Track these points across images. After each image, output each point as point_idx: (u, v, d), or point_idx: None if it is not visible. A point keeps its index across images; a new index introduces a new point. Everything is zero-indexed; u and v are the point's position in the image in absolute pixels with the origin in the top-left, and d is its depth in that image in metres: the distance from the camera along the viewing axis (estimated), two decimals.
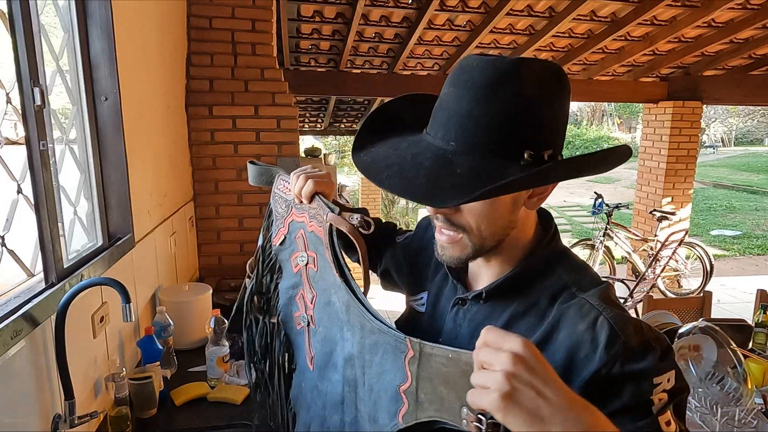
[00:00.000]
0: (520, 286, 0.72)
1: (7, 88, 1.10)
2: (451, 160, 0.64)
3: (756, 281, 5.52)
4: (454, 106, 0.65)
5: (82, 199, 1.50)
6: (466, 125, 0.64)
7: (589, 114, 21.22)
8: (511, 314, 0.71)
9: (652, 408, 0.61)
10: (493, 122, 0.63)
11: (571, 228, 9.58)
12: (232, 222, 2.75)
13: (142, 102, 1.85)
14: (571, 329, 0.64)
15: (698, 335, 1.90)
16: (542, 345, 0.66)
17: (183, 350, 1.83)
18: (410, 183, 0.64)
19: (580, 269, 0.73)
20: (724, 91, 5.02)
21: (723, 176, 14.18)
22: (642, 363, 0.62)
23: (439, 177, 0.63)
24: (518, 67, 0.63)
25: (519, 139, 0.63)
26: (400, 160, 0.67)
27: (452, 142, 0.64)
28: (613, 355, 0.61)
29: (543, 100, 0.64)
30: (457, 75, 0.66)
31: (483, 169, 0.62)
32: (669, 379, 0.63)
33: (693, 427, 1.71)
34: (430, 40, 4.17)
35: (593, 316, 0.64)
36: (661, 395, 0.62)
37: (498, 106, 0.62)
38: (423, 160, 0.65)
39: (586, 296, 0.67)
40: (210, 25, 2.60)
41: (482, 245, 0.70)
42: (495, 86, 0.62)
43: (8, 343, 0.93)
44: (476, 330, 0.68)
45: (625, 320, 0.64)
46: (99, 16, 1.50)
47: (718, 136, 20.67)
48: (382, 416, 0.70)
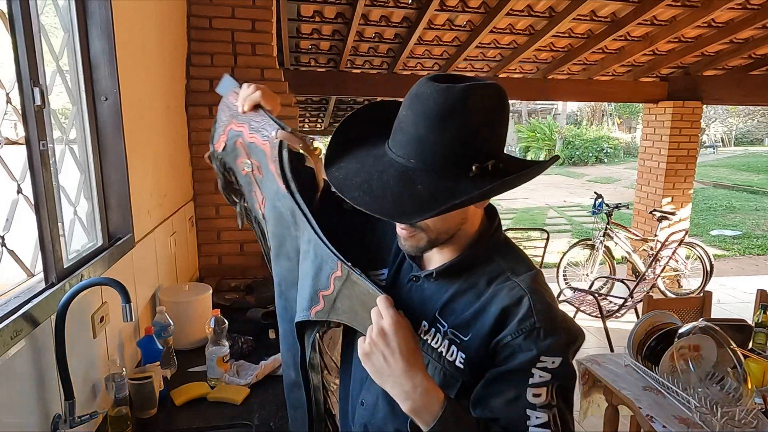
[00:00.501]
0: (464, 269, 0.86)
1: (7, 88, 1.10)
2: (412, 177, 0.75)
3: (756, 281, 5.51)
4: (412, 130, 0.75)
5: (82, 199, 1.50)
6: (423, 148, 0.75)
7: (589, 114, 21.21)
8: (453, 292, 0.85)
9: (529, 379, 0.75)
10: (447, 147, 0.74)
11: (571, 228, 9.57)
12: (232, 222, 2.74)
13: (142, 102, 1.85)
14: (501, 304, 0.79)
15: (698, 335, 1.90)
16: (477, 315, 0.81)
17: (183, 350, 1.83)
18: (379, 202, 0.75)
19: (517, 258, 0.87)
20: (724, 91, 5.02)
21: (723, 176, 14.18)
22: (539, 343, 0.76)
23: (403, 196, 0.74)
24: (467, 96, 0.73)
25: (468, 158, 0.75)
26: (368, 177, 0.77)
27: (412, 160, 0.76)
28: (521, 329, 0.77)
29: (488, 125, 0.75)
30: (413, 101, 0.76)
31: (440, 187, 0.74)
32: (554, 362, 0.76)
33: (693, 427, 1.71)
34: (430, 40, 4.17)
35: (519, 295, 0.79)
36: (544, 374, 0.75)
37: (450, 134, 0.73)
38: (388, 178, 0.76)
39: (518, 280, 0.81)
40: (210, 25, 2.60)
41: (437, 239, 0.83)
42: (447, 115, 0.73)
43: (8, 343, 0.93)
44: (424, 303, 0.88)
45: (543, 305, 0.78)
46: (99, 16, 1.50)
47: (718, 136, 20.65)
48: (301, 305, 0.93)
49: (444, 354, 0.83)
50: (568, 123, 20.99)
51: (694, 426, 1.71)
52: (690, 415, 1.76)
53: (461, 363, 0.81)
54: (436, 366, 0.83)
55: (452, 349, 0.82)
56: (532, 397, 0.75)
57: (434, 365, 0.83)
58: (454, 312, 0.84)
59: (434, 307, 0.86)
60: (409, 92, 0.77)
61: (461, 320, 0.82)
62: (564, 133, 19.10)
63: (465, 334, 0.81)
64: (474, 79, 0.76)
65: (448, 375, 0.82)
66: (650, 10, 3.50)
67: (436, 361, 0.83)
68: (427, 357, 0.84)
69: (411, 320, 0.84)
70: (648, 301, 2.57)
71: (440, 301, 0.86)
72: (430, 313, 0.86)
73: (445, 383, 0.82)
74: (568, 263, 5.24)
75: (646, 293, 3.47)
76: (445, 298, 0.86)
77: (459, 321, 0.83)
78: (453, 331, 0.83)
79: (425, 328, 0.86)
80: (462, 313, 0.83)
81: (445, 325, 0.84)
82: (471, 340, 0.81)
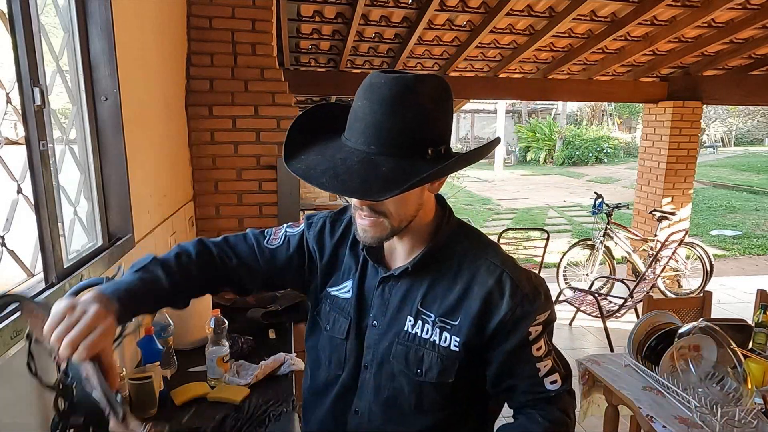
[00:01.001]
0: (433, 257, 0.91)
1: (7, 88, 1.10)
2: (375, 161, 0.78)
3: (756, 281, 5.51)
4: (369, 118, 0.79)
5: (82, 199, 1.50)
6: (381, 133, 0.79)
7: (589, 114, 21.19)
8: (430, 282, 0.91)
9: (529, 337, 0.87)
10: (403, 132, 0.79)
11: (571, 228, 9.57)
12: (232, 222, 2.75)
13: (142, 102, 1.85)
14: (483, 284, 0.87)
15: (698, 335, 1.90)
16: (462, 298, 0.88)
17: (183, 350, 1.83)
18: (347, 184, 0.77)
19: (477, 236, 0.95)
20: (724, 91, 5.02)
21: (723, 176, 14.17)
22: (533, 304, 0.87)
23: (369, 177, 0.77)
24: (417, 83, 0.79)
25: (423, 140, 0.80)
26: (332, 165, 0.80)
27: (372, 146, 0.79)
28: (514, 302, 0.86)
29: (437, 109, 0.82)
30: (368, 90, 0.80)
31: (401, 167, 0.78)
32: (545, 315, 0.89)
33: (693, 427, 1.71)
34: (430, 40, 4.16)
35: (498, 272, 0.87)
36: (537, 327, 0.87)
37: (407, 117, 0.79)
38: (352, 163, 0.79)
39: (490, 258, 0.89)
40: (210, 25, 2.60)
41: (399, 225, 0.87)
42: (401, 100, 0.78)
43: (8, 343, 0.93)
44: (404, 299, 0.92)
45: (519, 273, 0.88)
46: (99, 16, 1.50)
47: (718, 136, 20.64)
48: None
49: (438, 342, 0.88)
50: (568, 123, 20.98)
51: (694, 426, 1.71)
52: (690, 415, 1.76)
53: (456, 346, 0.87)
54: (432, 355, 0.88)
55: (444, 335, 0.88)
56: (536, 351, 0.88)
57: (430, 354, 0.89)
58: (436, 300, 0.89)
59: (415, 300, 0.91)
60: (362, 85, 0.82)
61: (447, 306, 0.88)
62: (564, 133, 19.10)
63: (454, 319, 0.88)
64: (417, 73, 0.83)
65: (446, 360, 0.88)
66: (650, 10, 3.50)
67: (431, 351, 0.89)
68: (421, 349, 0.89)
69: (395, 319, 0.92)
70: (648, 301, 2.57)
71: (419, 294, 0.91)
72: (412, 307, 0.91)
73: (443, 368, 0.88)
74: (568, 263, 5.24)
75: (646, 293, 3.47)
76: (423, 289, 0.90)
77: (445, 307, 0.88)
78: (441, 319, 0.88)
79: (411, 323, 0.90)
80: (445, 299, 0.89)
81: (432, 315, 0.89)
82: (461, 322, 0.87)
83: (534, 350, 0.88)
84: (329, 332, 1.00)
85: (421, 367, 0.89)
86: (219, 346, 1.60)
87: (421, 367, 0.89)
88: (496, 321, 0.86)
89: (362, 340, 0.95)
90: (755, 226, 9.26)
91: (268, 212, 2.77)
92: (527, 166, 19.66)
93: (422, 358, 0.89)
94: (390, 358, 0.91)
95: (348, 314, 0.97)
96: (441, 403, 0.91)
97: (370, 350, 0.94)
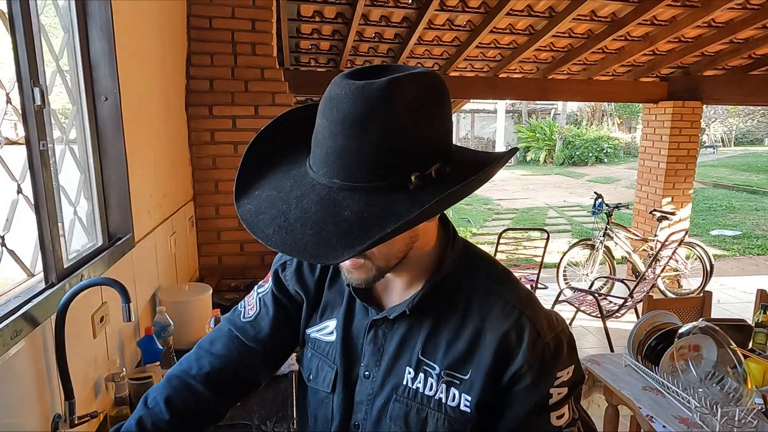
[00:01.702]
0: (436, 295, 0.73)
1: (7, 88, 1.10)
2: (337, 200, 0.61)
3: (756, 281, 5.51)
4: (330, 142, 0.61)
5: (82, 199, 1.50)
6: (344, 163, 0.61)
7: (589, 114, 21.18)
8: (432, 324, 0.73)
9: (549, 401, 0.69)
10: (373, 157, 0.60)
11: (571, 228, 9.57)
12: (232, 222, 2.75)
13: (142, 102, 1.85)
14: (497, 329, 0.70)
15: (698, 335, 1.90)
16: (473, 346, 0.71)
17: (183, 350, 1.82)
18: (297, 239, 0.60)
19: (487, 262, 0.77)
20: (724, 91, 5.01)
21: (723, 176, 14.17)
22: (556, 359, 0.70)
23: (326, 226, 0.59)
24: (389, 92, 0.59)
25: (401, 166, 0.61)
26: (285, 208, 0.63)
27: (335, 179, 0.62)
28: (534, 354, 0.69)
29: (421, 121, 0.62)
30: (327, 107, 0.62)
31: (371, 209, 0.60)
32: (569, 372, 0.71)
33: (693, 427, 1.71)
34: (430, 40, 4.16)
35: (516, 314, 0.70)
36: (561, 389, 0.70)
37: (374, 139, 0.60)
38: (309, 204, 0.62)
39: (506, 295, 0.72)
40: (210, 25, 2.60)
41: (386, 266, 0.70)
42: (367, 118, 0.59)
43: (8, 343, 0.93)
44: (401, 346, 0.75)
45: (540, 316, 0.71)
46: (99, 16, 1.50)
47: (718, 136, 20.63)
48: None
49: (444, 401, 0.72)
50: (568, 123, 20.97)
51: (694, 426, 1.71)
52: (690, 415, 1.76)
53: (467, 406, 0.70)
54: (438, 416, 0.72)
55: (452, 393, 0.71)
56: (556, 420, 0.70)
57: (434, 415, 0.72)
58: (441, 348, 0.72)
59: (415, 347, 0.74)
60: (323, 97, 0.64)
61: (455, 356, 0.71)
62: (564, 133, 19.10)
63: (464, 372, 0.71)
64: (403, 68, 0.63)
65: (454, 423, 0.71)
66: (650, 10, 3.50)
67: (436, 411, 0.72)
68: (424, 409, 0.72)
69: (392, 370, 0.75)
70: (648, 301, 2.57)
71: (420, 339, 0.74)
72: (411, 356, 0.74)
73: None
74: (568, 263, 5.24)
75: (646, 293, 3.47)
76: (424, 333, 0.73)
77: (451, 358, 0.71)
78: (448, 372, 0.71)
79: (411, 376, 0.74)
80: (452, 347, 0.72)
81: (436, 367, 0.72)
82: (473, 376, 0.70)
83: (554, 418, 0.69)
84: (312, 383, 0.84)
85: (424, 431, 0.73)
86: None
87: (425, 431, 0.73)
88: (510, 374, 0.69)
89: (352, 394, 0.79)
90: (755, 226, 9.26)
91: None
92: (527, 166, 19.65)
93: (425, 420, 0.72)
94: (386, 419, 0.75)
95: (333, 362, 0.80)
96: None
97: (362, 407, 0.78)
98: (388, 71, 0.63)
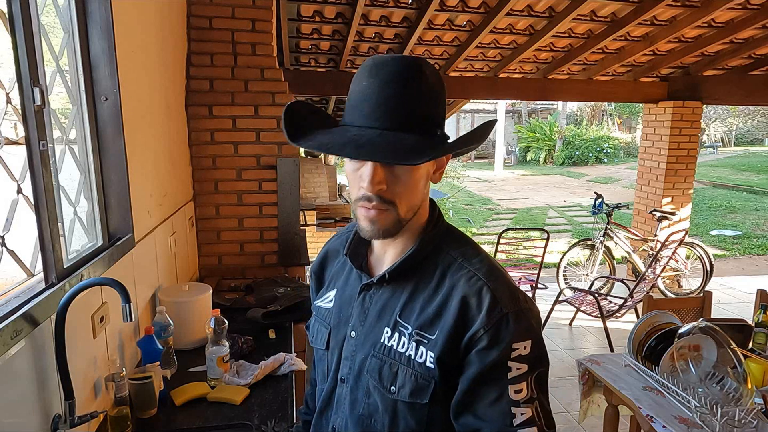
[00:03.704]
0: (415, 265, 0.85)
1: (7, 88, 1.10)
2: (395, 135, 0.75)
3: (756, 281, 5.51)
4: (380, 94, 0.76)
5: (82, 199, 1.50)
6: (397, 109, 0.75)
7: (589, 114, 21.18)
8: (410, 291, 0.84)
9: (508, 374, 0.76)
10: (417, 106, 0.77)
11: (571, 228, 9.57)
12: (232, 222, 2.75)
13: (142, 102, 1.85)
14: (462, 295, 0.79)
15: (698, 335, 1.90)
16: (440, 310, 0.80)
17: (183, 350, 1.83)
18: (376, 151, 0.73)
19: (465, 243, 0.87)
20: (724, 91, 5.02)
21: (723, 176, 14.17)
22: (510, 329, 0.76)
23: (396, 147, 0.73)
24: (420, 63, 0.78)
25: (433, 119, 0.79)
26: (349, 140, 0.75)
27: (387, 122, 0.75)
28: (491, 320, 0.76)
29: (440, 88, 0.80)
30: (374, 69, 0.78)
31: (422, 141, 0.75)
32: (525, 347, 0.77)
33: (693, 426, 1.71)
34: (430, 40, 4.17)
35: (479, 285, 0.79)
36: (520, 365, 0.76)
37: (418, 92, 0.77)
38: (372, 137, 0.74)
39: (473, 268, 0.81)
40: (210, 25, 2.60)
41: (405, 216, 0.81)
42: (411, 75, 0.76)
43: (8, 343, 0.93)
44: (383, 309, 0.86)
45: (505, 290, 0.79)
46: (99, 16, 1.50)
47: (718, 136, 20.63)
48: None
49: (413, 357, 0.80)
50: (568, 123, 20.97)
51: (694, 426, 1.71)
52: (690, 415, 1.76)
53: (431, 363, 0.79)
54: (407, 371, 0.81)
55: (420, 350, 0.80)
56: (514, 394, 0.75)
57: (404, 370, 0.81)
58: (414, 311, 0.82)
59: (393, 310, 0.84)
60: (362, 68, 0.80)
61: (424, 318, 0.81)
62: (564, 133, 19.10)
63: (431, 333, 0.80)
64: None
65: (420, 378, 0.80)
66: (650, 10, 3.50)
67: (406, 366, 0.81)
68: (396, 364, 0.82)
69: (373, 330, 0.85)
70: (648, 301, 2.57)
71: (399, 304, 0.84)
72: (390, 318, 0.84)
73: (417, 387, 0.80)
74: (568, 263, 5.25)
75: (646, 293, 3.47)
76: (403, 299, 0.84)
77: (422, 320, 0.81)
78: (418, 332, 0.81)
79: (388, 335, 0.84)
80: (423, 311, 0.81)
81: (409, 327, 0.82)
82: (437, 337, 0.79)
83: (512, 391, 0.75)
84: (313, 344, 0.98)
85: (394, 383, 0.81)
86: (219, 346, 1.60)
87: (395, 384, 0.81)
88: (467, 337, 0.77)
89: (341, 351, 0.90)
90: (755, 226, 9.26)
91: (268, 212, 2.77)
92: (527, 166, 19.66)
93: (396, 374, 0.81)
94: (365, 373, 0.85)
95: (328, 323, 0.94)
96: (415, 430, 0.81)
97: (347, 363, 0.88)
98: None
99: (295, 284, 2.52)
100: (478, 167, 19.55)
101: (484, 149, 22.50)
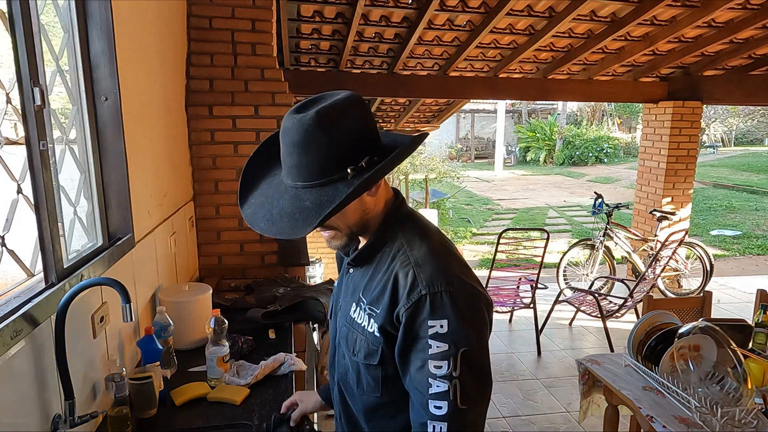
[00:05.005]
0: (375, 250, 0.99)
1: (7, 88, 1.10)
2: (300, 196, 0.89)
3: (756, 281, 5.52)
4: (288, 159, 0.90)
5: (82, 199, 1.50)
6: (300, 172, 0.89)
7: (589, 114, 21.17)
8: (371, 273, 0.99)
9: (429, 351, 0.86)
10: (317, 165, 0.87)
11: (571, 228, 9.57)
12: (232, 222, 2.75)
13: (142, 102, 1.85)
14: (395, 277, 0.92)
15: (698, 335, 1.90)
16: (384, 289, 0.93)
17: (183, 350, 1.83)
18: (278, 227, 0.88)
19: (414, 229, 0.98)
20: (724, 91, 5.01)
21: (723, 176, 14.17)
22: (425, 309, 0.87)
23: (295, 214, 0.88)
24: (318, 121, 0.85)
25: (341, 164, 0.87)
26: (270, 207, 0.92)
27: (298, 183, 0.90)
28: (410, 299, 0.88)
29: (347, 132, 0.87)
30: (283, 135, 0.90)
31: (323, 197, 0.87)
32: (442, 326, 0.86)
33: (693, 426, 1.71)
34: (430, 40, 4.16)
35: (407, 268, 0.91)
36: (440, 344, 0.85)
37: (315, 154, 0.87)
38: (284, 202, 0.90)
39: (410, 252, 0.93)
40: (210, 25, 2.60)
41: (352, 233, 0.97)
42: (307, 141, 0.86)
43: (8, 343, 0.93)
44: (354, 288, 1.03)
45: (427, 274, 0.89)
46: (99, 16, 1.50)
47: (718, 136, 20.61)
48: None
49: (366, 327, 0.96)
50: (568, 123, 20.97)
51: (694, 426, 1.71)
52: (690, 415, 1.76)
53: (378, 332, 0.93)
54: (361, 338, 0.97)
55: (371, 322, 0.95)
56: (434, 368, 0.86)
57: (360, 339, 0.97)
58: (369, 289, 0.97)
59: (358, 288, 1.01)
60: (280, 127, 0.92)
61: (374, 295, 0.96)
62: (564, 133, 19.10)
63: (377, 307, 0.94)
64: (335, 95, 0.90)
65: (371, 344, 0.95)
66: (650, 10, 3.50)
67: (360, 334, 0.97)
68: (355, 332, 0.99)
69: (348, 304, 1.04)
70: (648, 301, 2.57)
71: (363, 283, 1.00)
72: (356, 294, 1.01)
73: (369, 352, 0.96)
74: (568, 263, 5.25)
75: (646, 293, 3.47)
76: (366, 279, 1.00)
77: (372, 296, 0.96)
78: (369, 307, 0.96)
79: (353, 309, 1.01)
80: (375, 289, 0.96)
81: (364, 302, 0.98)
82: (381, 311, 0.93)
83: (431, 366, 0.85)
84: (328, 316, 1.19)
85: (355, 348, 0.98)
86: (219, 346, 1.60)
87: (356, 348, 0.98)
88: (395, 313, 0.90)
89: (336, 320, 1.10)
90: (755, 226, 9.26)
91: None
92: (527, 166, 19.66)
93: (356, 341, 0.98)
94: (343, 339, 1.04)
95: (335, 296, 1.14)
96: (373, 386, 0.98)
97: (336, 331, 1.09)
98: (321, 101, 0.89)
99: (295, 284, 2.52)
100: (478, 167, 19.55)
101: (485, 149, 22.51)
